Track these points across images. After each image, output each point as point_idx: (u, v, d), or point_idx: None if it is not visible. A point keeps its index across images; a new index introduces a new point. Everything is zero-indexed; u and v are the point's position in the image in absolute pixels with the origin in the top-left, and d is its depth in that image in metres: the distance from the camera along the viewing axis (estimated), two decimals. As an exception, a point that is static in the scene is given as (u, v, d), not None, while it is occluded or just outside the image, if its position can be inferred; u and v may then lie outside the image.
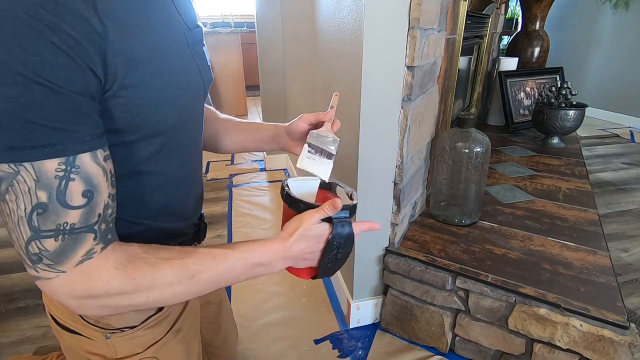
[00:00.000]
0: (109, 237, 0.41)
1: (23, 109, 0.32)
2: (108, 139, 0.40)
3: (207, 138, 0.72)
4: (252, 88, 4.13)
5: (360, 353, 1.07)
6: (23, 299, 1.29)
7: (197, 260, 0.44)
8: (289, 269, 0.53)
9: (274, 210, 1.90)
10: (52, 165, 0.34)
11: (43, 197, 0.35)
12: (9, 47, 0.31)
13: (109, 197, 0.40)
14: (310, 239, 0.49)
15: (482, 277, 0.93)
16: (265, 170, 2.41)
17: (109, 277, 0.39)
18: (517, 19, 3.44)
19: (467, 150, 1.06)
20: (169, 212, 0.54)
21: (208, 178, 2.32)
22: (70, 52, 0.33)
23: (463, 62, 1.51)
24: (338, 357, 1.06)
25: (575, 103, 1.76)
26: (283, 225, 0.53)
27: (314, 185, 0.60)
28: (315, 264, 0.52)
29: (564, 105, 1.74)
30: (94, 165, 0.37)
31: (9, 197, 0.34)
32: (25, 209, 0.35)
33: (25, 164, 0.33)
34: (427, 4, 0.86)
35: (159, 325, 0.58)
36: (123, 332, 0.54)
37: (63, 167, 0.35)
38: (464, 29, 1.25)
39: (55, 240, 0.36)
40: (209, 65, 0.56)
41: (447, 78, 1.23)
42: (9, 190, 0.34)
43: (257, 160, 2.58)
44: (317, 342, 1.12)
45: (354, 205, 0.53)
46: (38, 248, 0.36)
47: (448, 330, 1.03)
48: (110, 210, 0.41)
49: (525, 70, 2.17)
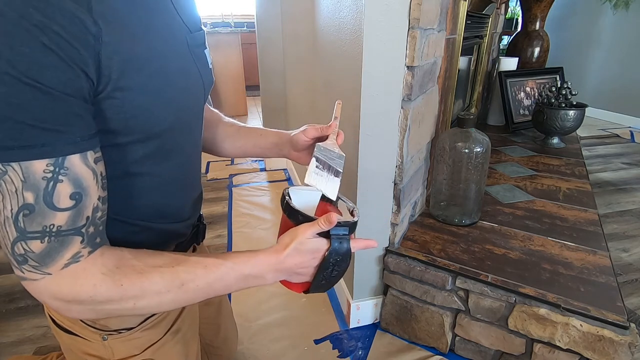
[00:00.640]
0: (98, 240, 0.40)
1: (11, 109, 0.32)
2: (101, 140, 0.39)
3: (207, 140, 0.71)
4: (252, 88, 4.13)
5: (360, 353, 1.07)
6: (23, 299, 1.29)
7: (187, 269, 0.43)
8: (282, 282, 0.52)
9: (274, 210, 1.89)
10: (40, 166, 0.34)
11: (30, 198, 0.34)
12: None
13: (99, 199, 0.40)
14: (305, 254, 0.47)
15: (482, 277, 0.93)
16: (265, 170, 2.41)
17: (96, 282, 0.39)
18: (517, 19, 3.44)
19: (467, 150, 1.06)
20: (165, 213, 0.53)
21: (208, 178, 2.32)
22: (60, 52, 0.32)
23: (463, 62, 1.50)
24: (338, 357, 1.06)
25: (575, 103, 1.76)
26: (279, 235, 0.52)
27: (316, 196, 0.58)
28: (309, 279, 0.51)
29: (564, 105, 1.73)
30: (84, 167, 0.37)
31: None
32: (12, 210, 0.34)
33: (13, 164, 0.33)
34: (427, 4, 0.86)
35: (157, 327, 0.58)
36: (120, 333, 0.54)
37: (51, 168, 0.35)
38: (464, 29, 1.25)
39: (41, 242, 0.36)
40: (211, 68, 0.55)
41: (447, 78, 1.23)
42: None
43: (257, 160, 2.58)
44: (317, 342, 1.12)
45: (354, 223, 0.50)
46: (24, 249, 0.36)
47: (448, 330, 1.03)
48: (100, 214, 0.40)
49: (525, 70, 2.17)
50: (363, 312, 1.15)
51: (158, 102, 0.43)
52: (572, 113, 1.71)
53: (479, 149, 1.05)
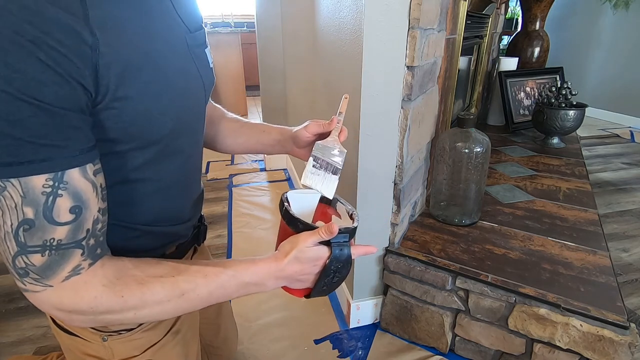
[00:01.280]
0: (98, 251, 0.40)
1: (9, 126, 0.32)
2: (100, 149, 0.39)
3: (209, 137, 0.70)
4: (252, 88, 4.13)
5: (360, 353, 1.07)
6: (23, 299, 1.29)
7: (188, 278, 0.44)
8: (283, 287, 0.52)
9: (274, 210, 1.89)
10: (39, 181, 0.34)
11: (29, 213, 0.34)
12: None
13: (99, 211, 0.40)
14: (306, 262, 0.48)
15: (482, 277, 0.93)
16: (265, 170, 2.42)
17: (97, 294, 0.39)
18: (517, 19, 3.44)
19: (467, 150, 1.06)
20: (165, 216, 0.53)
21: (208, 178, 2.32)
22: (57, 67, 0.32)
23: (463, 62, 1.50)
24: (338, 357, 1.06)
25: (575, 103, 1.76)
26: (278, 240, 0.52)
27: (315, 199, 0.57)
28: (310, 285, 0.51)
29: (564, 105, 1.73)
30: (83, 181, 0.37)
31: None
32: (12, 225, 0.34)
33: (12, 180, 0.33)
34: (427, 4, 0.86)
35: (157, 328, 0.57)
36: (120, 334, 0.54)
37: (51, 183, 0.34)
38: (464, 29, 1.25)
39: (42, 256, 0.36)
40: (211, 68, 0.55)
41: (447, 78, 1.23)
42: None
43: (257, 160, 2.58)
44: (317, 342, 1.12)
45: (354, 229, 0.50)
46: (24, 263, 0.36)
47: (448, 330, 1.03)
48: (100, 225, 0.40)
49: (525, 70, 2.17)
50: (363, 312, 1.15)
51: (158, 106, 0.42)
52: (572, 113, 1.71)
53: (479, 149, 1.05)
